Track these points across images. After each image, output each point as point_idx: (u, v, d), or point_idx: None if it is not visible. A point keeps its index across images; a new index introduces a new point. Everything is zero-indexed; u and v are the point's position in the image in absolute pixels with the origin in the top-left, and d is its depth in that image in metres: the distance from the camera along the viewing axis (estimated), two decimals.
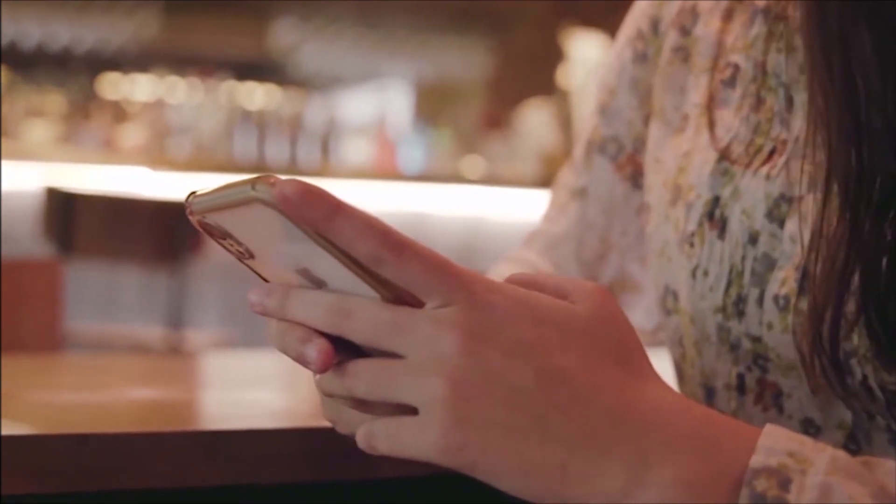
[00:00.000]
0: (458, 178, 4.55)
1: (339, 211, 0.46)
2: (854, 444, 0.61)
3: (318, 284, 0.50)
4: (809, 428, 0.63)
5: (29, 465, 0.64)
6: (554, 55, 4.57)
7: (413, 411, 0.48)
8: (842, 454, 0.48)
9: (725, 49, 0.70)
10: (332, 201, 0.46)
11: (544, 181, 4.27)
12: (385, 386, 0.48)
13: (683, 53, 0.74)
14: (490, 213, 4.46)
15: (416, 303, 0.49)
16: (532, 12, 5.74)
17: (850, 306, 0.56)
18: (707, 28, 0.72)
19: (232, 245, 0.51)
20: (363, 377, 0.49)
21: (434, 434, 0.47)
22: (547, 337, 0.48)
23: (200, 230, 0.51)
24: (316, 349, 0.49)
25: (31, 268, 1.69)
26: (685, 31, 0.74)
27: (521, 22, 5.89)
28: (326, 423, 0.56)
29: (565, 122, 4.55)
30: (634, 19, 0.81)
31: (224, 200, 0.48)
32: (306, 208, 0.46)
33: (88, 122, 4.46)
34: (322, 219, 0.46)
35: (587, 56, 4.36)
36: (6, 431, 0.66)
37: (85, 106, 4.61)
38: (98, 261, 3.37)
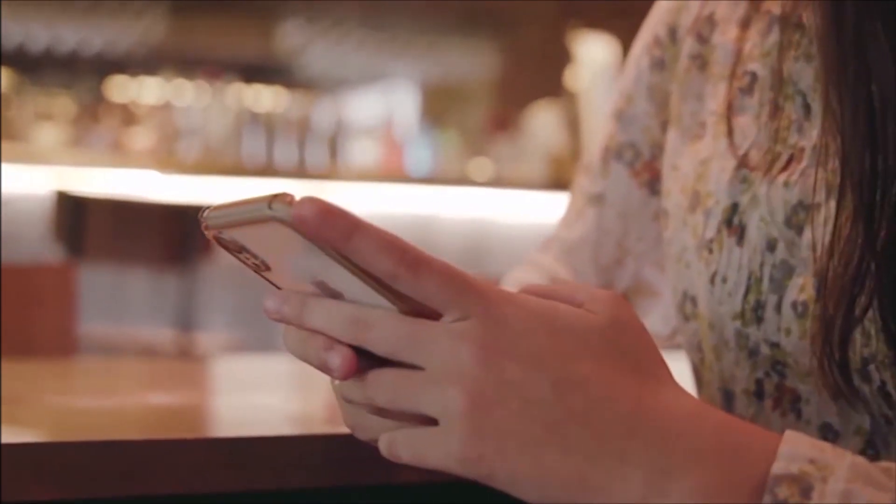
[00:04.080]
0: (465, 180, 4.54)
1: (356, 230, 0.47)
2: (872, 449, 0.62)
3: (335, 296, 0.51)
4: (828, 433, 0.63)
5: (48, 472, 0.64)
6: (561, 56, 4.57)
7: (434, 420, 0.48)
8: (862, 460, 0.48)
9: (743, 57, 0.70)
10: (350, 220, 0.47)
11: (552, 183, 4.27)
12: (405, 396, 0.49)
13: (701, 61, 0.74)
14: (497, 215, 4.45)
15: (433, 314, 0.49)
16: (539, 13, 5.74)
17: (867, 313, 0.57)
18: (724, 36, 0.72)
19: (248, 258, 0.52)
20: (384, 387, 0.49)
21: (453, 445, 0.47)
22: (562, 346, 0.49)
23: (216, 244, 0.51)
24: (339, 357, 0.49)
25: (44, 271, 1.69)
26: (703, 39, 0.74)
27: (527, 23, 5.88)
28: (345, 429, 0.57)
29: (573, 124, 4.54)
30: (652, 26, 0.81)
31: (240, 217, 0.49)
32: (324, 228, 0.46)
33: (97, 125, 4.46)
34: (340, 238, 0.47)
35: (594, 57, 4.35)
36: (24, 438, 0.66)
37: (93, 109, 4.61)
38: (108, 264, 3.38)
